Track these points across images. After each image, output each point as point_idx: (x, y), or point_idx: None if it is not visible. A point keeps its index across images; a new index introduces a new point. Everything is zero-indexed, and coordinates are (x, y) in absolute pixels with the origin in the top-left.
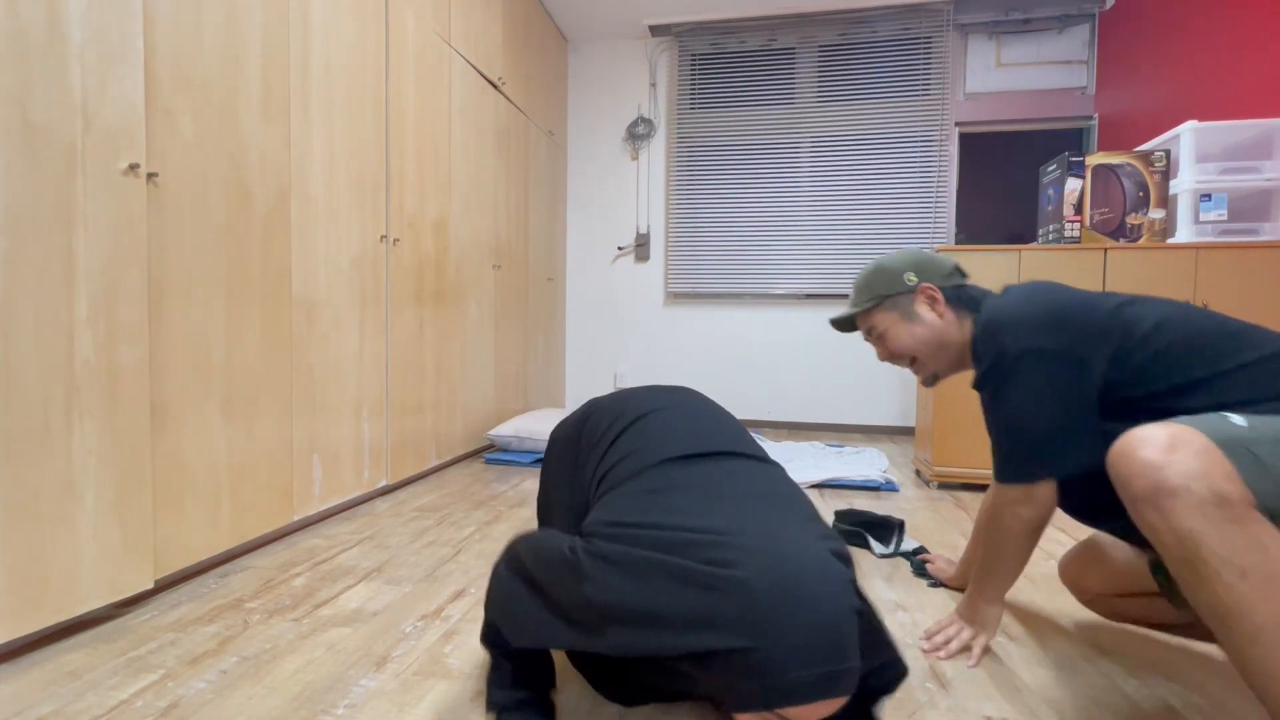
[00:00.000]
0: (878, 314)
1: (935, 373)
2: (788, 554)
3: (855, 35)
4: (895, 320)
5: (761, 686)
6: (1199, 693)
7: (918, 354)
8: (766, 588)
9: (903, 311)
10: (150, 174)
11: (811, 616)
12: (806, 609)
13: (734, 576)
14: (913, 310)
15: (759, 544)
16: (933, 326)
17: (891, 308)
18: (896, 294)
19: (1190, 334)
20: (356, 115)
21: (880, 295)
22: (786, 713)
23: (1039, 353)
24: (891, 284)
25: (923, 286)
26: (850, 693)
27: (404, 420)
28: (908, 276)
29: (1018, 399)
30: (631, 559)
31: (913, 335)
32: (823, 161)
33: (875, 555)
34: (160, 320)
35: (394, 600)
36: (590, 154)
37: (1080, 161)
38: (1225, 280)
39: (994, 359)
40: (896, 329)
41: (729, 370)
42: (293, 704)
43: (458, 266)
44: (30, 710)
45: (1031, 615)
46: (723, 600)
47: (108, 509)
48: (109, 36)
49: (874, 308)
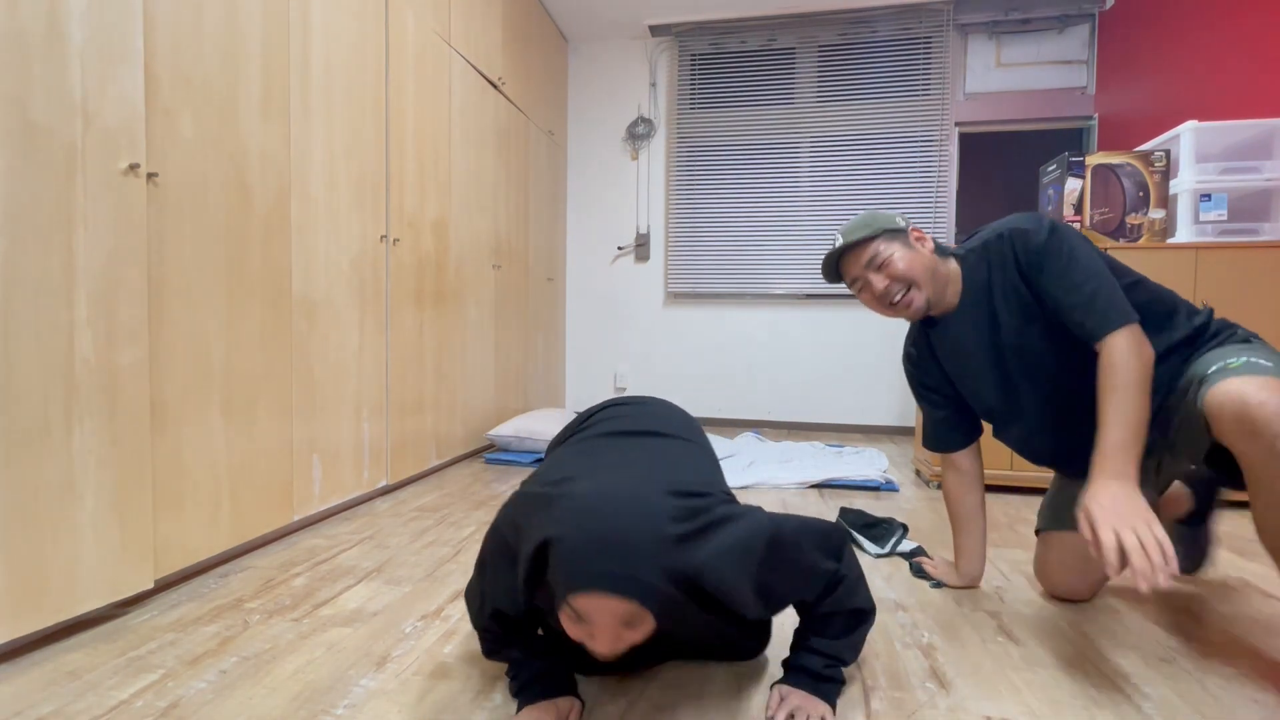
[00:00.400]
0: (879, 242)
1: (927, 299)
2: (615, 482)
3: (855, 35)
4: (897, 247)
5: (562, 574)
6: (1199, 692)
7: (917, 277)
8: (583, 495)
9: (902, 243)
10: (150, 174)
11: (611, 523)
12: (608, 518)
13: (564, 491)
14: (910, 244)
15: (597, 479)
16: (929, 258)
17: (891, 239)
18: (895, 229)
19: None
20: (356, 115)
21: (881, 229)
22: (577, 603)
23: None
24: (888, 222)
25: (914, 229)
26: (635, 598)
27: (404, 420)
28: (899, 219)
29: (1088, 254)
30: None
31: (915, 260)
32: (823, 161)
33: (870, 556)
34: (160, 320)
35: (394, 600)
36: (590, 154)
37: (1080, 161)
38: (1225, 280)
39: (1050, 227)
40: (899, 254)
41: (729, 370)
42: (293, 704)
43: (458, 266)
44: (30, 710)
45: (1031, 615)
46: (551, 505)
47: (108, 509)
48: (109, 36)
49: (874, 237)
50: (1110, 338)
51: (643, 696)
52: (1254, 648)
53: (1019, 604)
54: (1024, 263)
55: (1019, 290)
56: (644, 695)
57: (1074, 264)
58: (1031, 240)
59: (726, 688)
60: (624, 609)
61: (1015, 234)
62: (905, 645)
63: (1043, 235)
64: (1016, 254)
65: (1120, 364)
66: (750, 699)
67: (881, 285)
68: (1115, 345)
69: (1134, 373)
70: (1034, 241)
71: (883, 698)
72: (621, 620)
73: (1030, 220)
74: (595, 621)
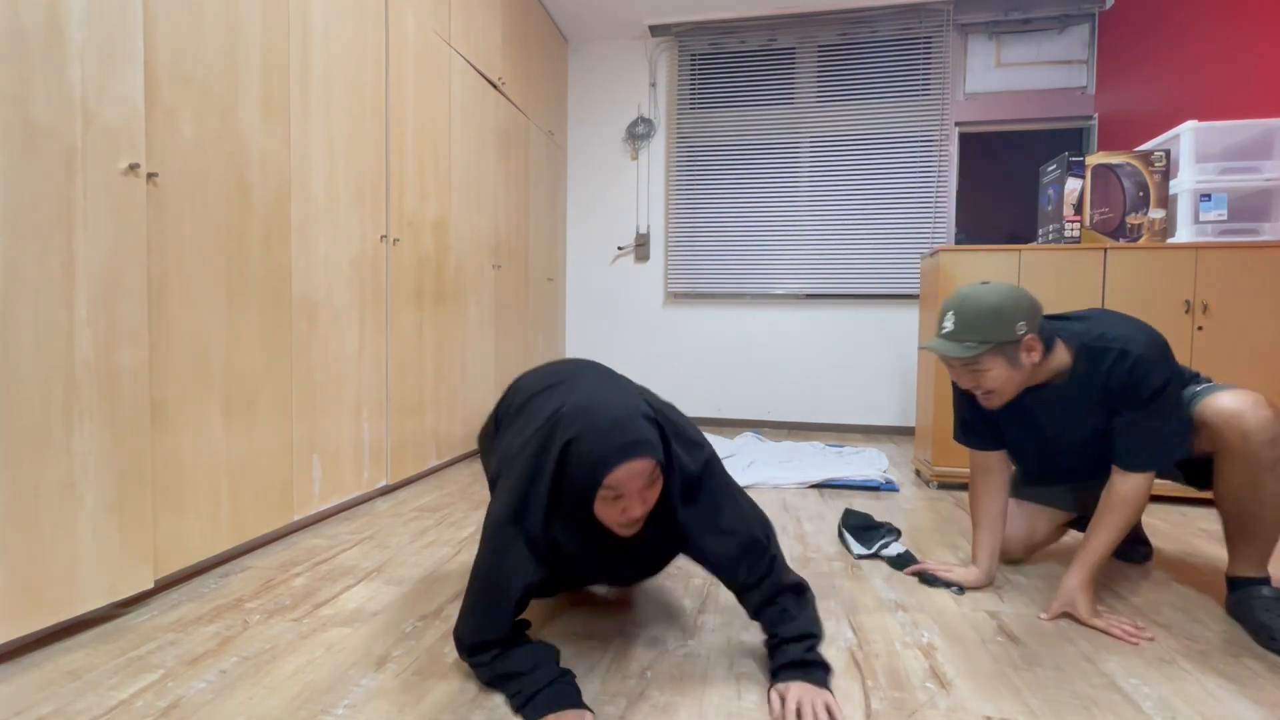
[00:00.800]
0: (986, 358)
1: (1005, 402)
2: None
3: (855, 35)
4: (1001, 365)
5: (592, 460)
6: (1199, 692)
7: (1004, 392)
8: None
9: (1009, 358)
10: (150, 174)
11: (608, 413)
12: (605, 410)
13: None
14: (1017, 360)
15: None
16: (1025, 371)
17: (999, 353)
18: (1008, 342)
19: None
20: (356, 115)
21: (993, 341)
22: (612, 479)
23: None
24: (1005, 332)
25: (1029, 338)
26: (646, 456)
27: (404, 420)
28: (1020, 327)
29: (1172, 404)
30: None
31: (1010, 380)
32: (823, 161)
33: (853, 555)
34: (160, 320)
35: (394, 600)
36: (590, 154)
37: (1080, 161)
38: (1225, 280)
39: (1167, 378)
40: (998, 372)
41: (729, 370)
42: (293, 704)
43: (458, 266)
44: (30, 710)
45: (1031, 615)
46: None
47: (107, 509)
48: (109, 36)
49: (985, 353)
50: (1133, 475)
51: (643, 697)
52: (1254, 648)
53: (1019, 604)
54: (1131, 391)
55: (1111, 403)
56: (644, 695)
57: (1161, 409)
58: (1151, 382)
59: (726, 688)
60: (646, 467)
61: (1140, 365)
62: (905, 645)
63: (1161, 381)
64: (1132, 381)
65: (1129, 501)
66: (750, 699)
67: (969, 384)
68: (1134, 483)
69: (1132, 512)
70: (1152, 384)
71: (883, 698)
72: (646, 479)
73: (1158, 359)
74: (628, 488)
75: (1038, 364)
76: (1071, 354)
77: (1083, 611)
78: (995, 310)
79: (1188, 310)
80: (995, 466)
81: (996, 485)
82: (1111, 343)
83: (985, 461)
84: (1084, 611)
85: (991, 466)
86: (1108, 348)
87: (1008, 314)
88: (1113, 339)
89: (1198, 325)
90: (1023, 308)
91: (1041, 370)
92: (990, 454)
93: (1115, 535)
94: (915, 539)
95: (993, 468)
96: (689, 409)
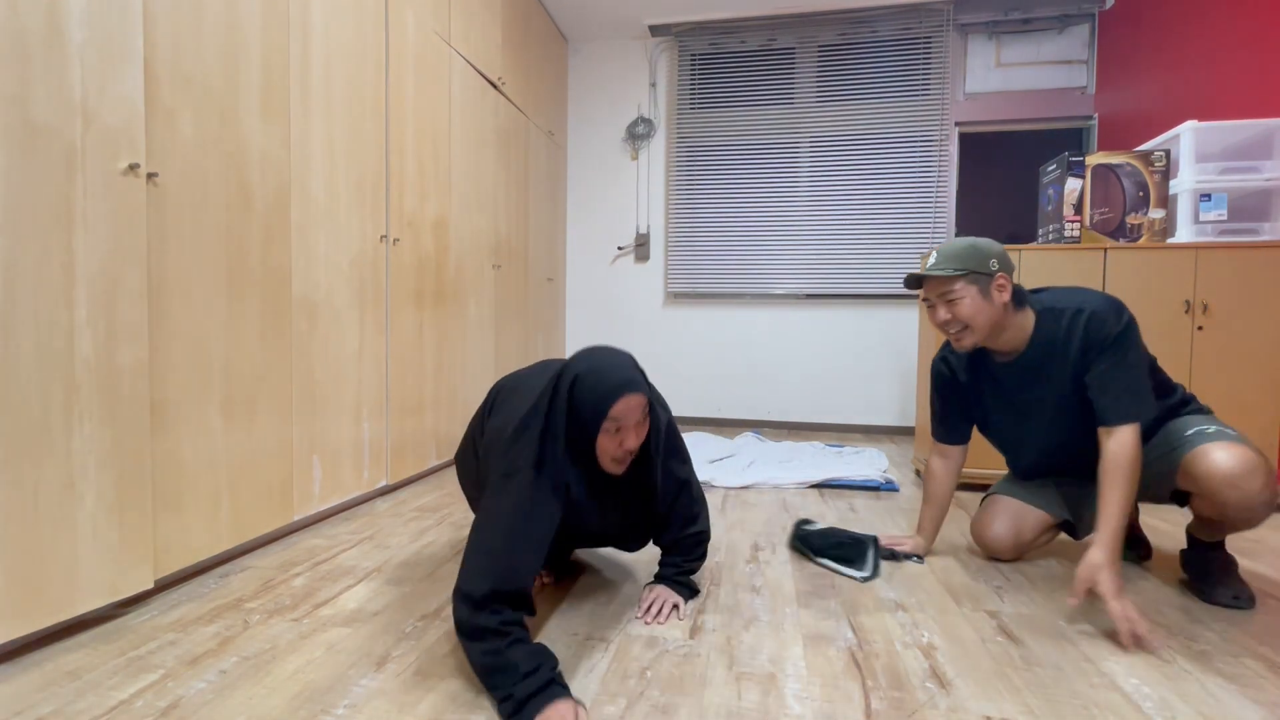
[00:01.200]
0: (960, 282)
1: (975, 343)
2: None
3: (855, 35)
4: (974, 294)
5: (599, 393)
6: (1199, 692)
7: (976, 324)
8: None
9: (981, 289)
10: (150, 174)
11: (609, 358)
12: (606, 356)
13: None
14: (989, 291)
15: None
16: (997, 310)
17: (974, 282)
18: (981, 273)
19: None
20: (356, 115)
21: (969, 269)
22: (615, 410)
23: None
24: (981, 263)
25: (1001, 275)
26: (642, 392)
27: (404, 420)
28: (992, 263)
29: (1138, 356)
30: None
31: (981, 311)
32: (823, 161)
33: (858, 581)
34: (160, 320)
35: (394, 600)
36: (590, 154)
37: (1080, 161)
38: (1225, 280)
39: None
40: (971, 300)
41: (729, 370)
42: (293, 704)
43: (458, 266)
44: (30, 710)
45: (1031, 615)
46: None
47: (108, 509)
48: (109, 36)
49: (960, 276)
50: (1120, 429)
51: (643, 697)
52: (1254, 648)
53: (1019, 604)
54: (1091, 344)
55: (1075, 365)
56: (644, 695)
57: (1124, 358)
58: (1106, 329)
59: (726, 688)
60: (642, 402)
61: (1094, 319)
62: (905, 645)
63: (1117, 328)
64: (1089, 336)
65: (1125, 460)
66: (750, 699)
67: (944, 317)
68: (1122, 438)
69: (1132, 469)
70: (1107, 331)
71: (883, 698)
72: (642, 413)
73: (1110, 311)
74: (626, 419)
75: (1007, 306)
76: (1035, 320)
77: (1107, 588)
78: (971, 245)
79: (1188, 310)
80: (954, 454)
81: (950, 470)
82: (1068, 303)
83: (949, 451)
84: (1108, 588)
85: (950, 453)
86: (1064, 308)
87: (982, 250)
88: (1069, 301)
89: (1198, 325)
90: (996, 251)
91: (1010, 331)
92: (956, 446)
93: (1125, 499)
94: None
95: (950, 454)
96: (689, 409)
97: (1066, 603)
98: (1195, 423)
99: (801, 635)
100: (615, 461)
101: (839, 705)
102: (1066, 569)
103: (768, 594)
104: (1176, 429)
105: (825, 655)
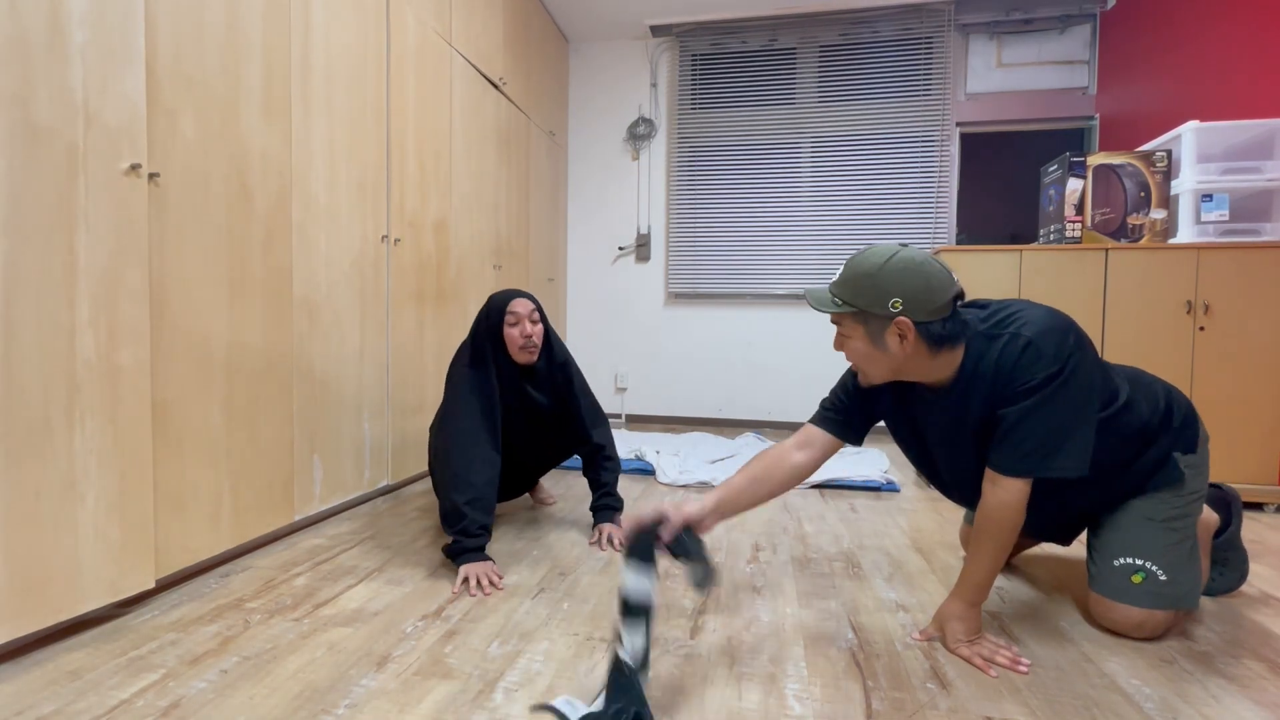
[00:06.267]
0: (848, 321)
1: (875, 383)
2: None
3: (856, 35)
4: (860, 335)
5: (499, 301)
6: (1199, 692)
7: (864, 371)
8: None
9: (870, 331)
10: (152, 174)
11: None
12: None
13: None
14: (881, 338)
15: None
16: (892, 357)
17: (863, 322)
18: (874, 314)
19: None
20: (357, 115)
21: (858, 308)
22: (512, 306)
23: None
24: (874, 301)
25: (899, 321)
26: (530, 298)
27: (405, 420)
28: (893, 303)
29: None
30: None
31: (867, 357)
32: (824, 161)
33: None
34: (161, 320)
35: (395, 600)
36: (591, 154)
37: (1081, 162)
38: (1226, 281)
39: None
40: (857, 343)
41: (730, 371)
42: (293, 704)
43: (458, 266)
44: (31, 710)
45: (1032, 615)
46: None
47: (109, 509)
48: (110, 36)
49: (849, 313)
50: (1006, 480)
51: None
52: (1255, 648)
53: (1019, 604)
54: (1016, 378)
55: (993, 396)
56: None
57: (1045, 404)
58: (1035, 370)
59: (726, 688)
60: (531, 305)
61: (1028, 352)
62: (906, 645)
63: (1050, 369)
64: (1016, 371)
65: (997, 519)
66: (750, 699)
67: (837, 347)
68: (1002, 494)
69: (1009, 528)
70: (1035, 372)
71: (883, 698)
72: (531, 312)
73: (1050, 343)
74: (520, 313)
75: (909, 356)
76: (967, 347)
77: (948, 640)
78: (874, 272)
79: (1189, 311)
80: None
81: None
82: (1005, 328)
83: (807, 434)
84: (949, 639)
85: (817, 445)
86: (1000, 334)
87: (884, 283)
88: (1008, 324)
89: (1199, 326)
90: (910, 287)
91: (932, 371)
92: (818, 431)
93: (990, 562)
94: (916, 539)
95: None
96: (689, 409)
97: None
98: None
99: (802, 636)
100: (523, 350)
101: (839, 706)
102: (1067, 569)
103: (768, 594)
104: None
105: (826, 655)
